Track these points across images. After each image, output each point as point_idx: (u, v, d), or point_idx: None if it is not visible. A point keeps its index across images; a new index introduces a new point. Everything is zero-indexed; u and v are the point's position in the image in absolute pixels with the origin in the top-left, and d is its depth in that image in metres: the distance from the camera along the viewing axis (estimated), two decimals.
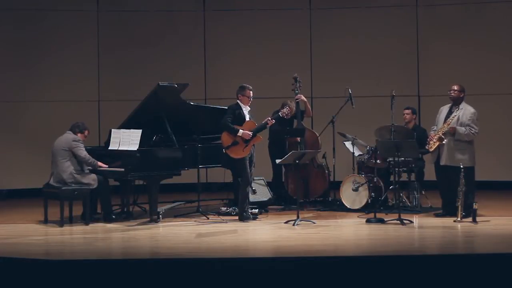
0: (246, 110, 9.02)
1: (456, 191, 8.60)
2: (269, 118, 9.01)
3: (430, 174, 9.81)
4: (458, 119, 8.80)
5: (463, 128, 8.72)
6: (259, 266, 6.56)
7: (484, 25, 11.87)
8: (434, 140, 8.82)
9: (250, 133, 8.83)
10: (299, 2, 12.30)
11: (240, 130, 8.83)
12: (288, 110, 9.23)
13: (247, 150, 8.88)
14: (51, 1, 11.97)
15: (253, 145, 9.00)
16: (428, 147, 8.94)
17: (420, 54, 12.08)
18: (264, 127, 8.99)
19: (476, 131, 8.77)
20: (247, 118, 9.00)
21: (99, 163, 8.88)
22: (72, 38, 11.97)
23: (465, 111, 8.84)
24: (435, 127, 8.99)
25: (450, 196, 8.75)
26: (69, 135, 8.92)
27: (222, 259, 6.79)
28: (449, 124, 8.77)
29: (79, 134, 8.96)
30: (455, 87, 8.96)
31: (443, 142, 8.75)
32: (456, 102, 8.93)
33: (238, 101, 9.02)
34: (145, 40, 12.13)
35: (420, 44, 12.08)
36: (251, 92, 9.01)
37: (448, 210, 8.86)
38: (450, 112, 8.91)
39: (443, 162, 8.79)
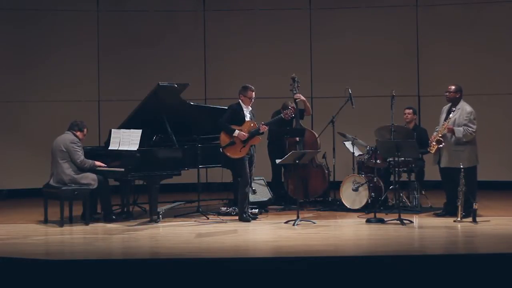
0: (247, 110, 9.00)
1: (466, 191, 8.62)
2: (262, 124, 8.97)
3: (430, 174, 9.82)
4: (455, 120, 8.81)
5: (460, 129, 8.71)
6: (259, 266, 6.56)
7: (484, 25, 11.88)
8: (434, 143, 8.82)
9: (246, 134, 8.81)
10: (299, 2, 12.31)
11: (236, 131, 8.82)
12: (292, 112, 9.22)
13: (244, 150, 8.87)
14: (51, 1, 11.97)
15: (253, 145, 9.00)
16: (429, 149, 8.93)
17: (420, 54, 12.09)
18: (257, 132, 8.94)
19: (473, 130, 8.76)
20: (247, 118, 8.99)
21: (98, 163, 8.88)
22: (72, 38, 11.98)
23: (462, 111, 8.84)
24: (438, 127, 8.98)
25: (454, 197, 8.77)
26: (67, 136, 8.91)
27: (222, 259, 6.79)
28: (446, 126, 8.77)
29: (78, 133, 8.96)
30: (451, 88, 8.96)
31: (441, 145, 8.74)
32: (453, 103, 8.93)
33: (239, 100, 9.01)
34: (145, 40, 12.14)
35: (420, 44, 12.09)
36: (253, 93, 8.98)
37: (449, 210, 8.86)
38: (449, 113, 8.92)
39: (443, 164, 8.79)
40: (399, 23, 12.10)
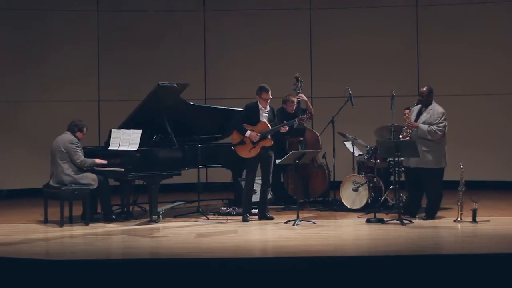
0: (264, 110, 8.93)
1: (424, 192, 8.82)
2: (285, 123, 8.96)
3: None
4: (423, 119, 8.76)
5: (425, 126, 8.69)
6: (259, 266, 6.56)
7: (484, 25, 11.88)
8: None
9: (258, 135, 8.80)
10: (299, 2, 12.31)
11: (248, 131, 8.81)
12: (308, 117, 9.22)
13: (254, 151, 8.85)
14: (51, 1, 11.98)
15: (268, 146, 8.92)
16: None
17: (420, 54, 12.09)
18: (275, 131, 8.94)
19: (440, 128, 8.71)
20: (263, 118, 8.94)
21: (97, 160, 8.87)
22: (72, 38, 11.99)
23: (434, 112, 8.80)
24: (405, 127, 8.91)
25: (417, 197, 8.88)
26: (67, 136, 8.90)
27: (222, 259, 6.79)
28: (410, 124, 8.70)
29: (78, 133, 8.94)
30: (424, 90, 8.85)
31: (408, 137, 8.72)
32: (425, 104, 8.87)
33: (257, 100, 8.99)
34: (145, 40, 12.14)
35: (420, 44, 12.09)
36: (268, 94, 8.89)
37: (412, 211, 8.82)
38: (420, 113, 8.86)
39: (413, 164, 8.72)
40: (399, 23, 12.11)
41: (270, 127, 8.90)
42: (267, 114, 8.97)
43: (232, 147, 8.96)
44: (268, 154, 8.95)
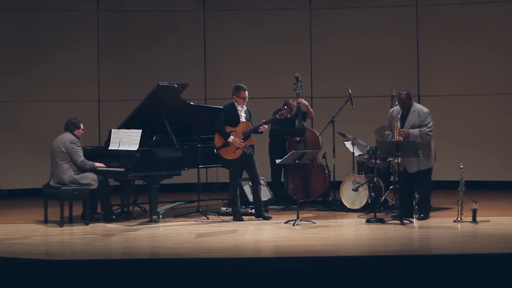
0: (242, 110, 8.98)
1: (418, 191, 8.81)
2: (264, 121, 8.98)
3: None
4: (410, 122, 8.71)
5: (416, 131, 8.66)
6: (259, 266, 6.57)
7: (484, 25, 11.87)
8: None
9: (241, 142, 8.79)
10: (299, 2, 12.31)
11: (231, 136, 8.81)
12: (287, 112, 9.22)
13: (238, 152, 8.86)
14: (51, 1, 11.97)
15: (251, 145, 8.97)
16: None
17: (420, 54, 12.08)
18: (255, 131, 8.94)
19: (430, 129, 8.67)
20: (242, 118, 8.96)
21: (97, 164, 8.88)
22: (72, 38, 11.98)
23: (420, 112, 8.74)
24: (390, 133, 8.87)
25: (411, 198, 8.86)
26: (67, 136, 8.90)
27: (222, 259, 6.79)
28: (400, 131, 8.64)
29: (76, 131, 8.94)
30: (403, 97, 8.75)
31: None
32: (406, 108, 8.80)
33: (234, 101, 9.00)
34: (145, 40, 12.14)
35: (420, 44, 12.08)
36: (246, 92, 8.95)
37: (407, 212, 8.74)
38: (403, 117, 8.76)
39: (413, 169, 8.66)
40: (399, 23, 12.09)
41: (251, 126, 8.93)
42: (245, 114, 8.98)
43: (215, 151, 8.94)
44: (248, 154, 8.95)
